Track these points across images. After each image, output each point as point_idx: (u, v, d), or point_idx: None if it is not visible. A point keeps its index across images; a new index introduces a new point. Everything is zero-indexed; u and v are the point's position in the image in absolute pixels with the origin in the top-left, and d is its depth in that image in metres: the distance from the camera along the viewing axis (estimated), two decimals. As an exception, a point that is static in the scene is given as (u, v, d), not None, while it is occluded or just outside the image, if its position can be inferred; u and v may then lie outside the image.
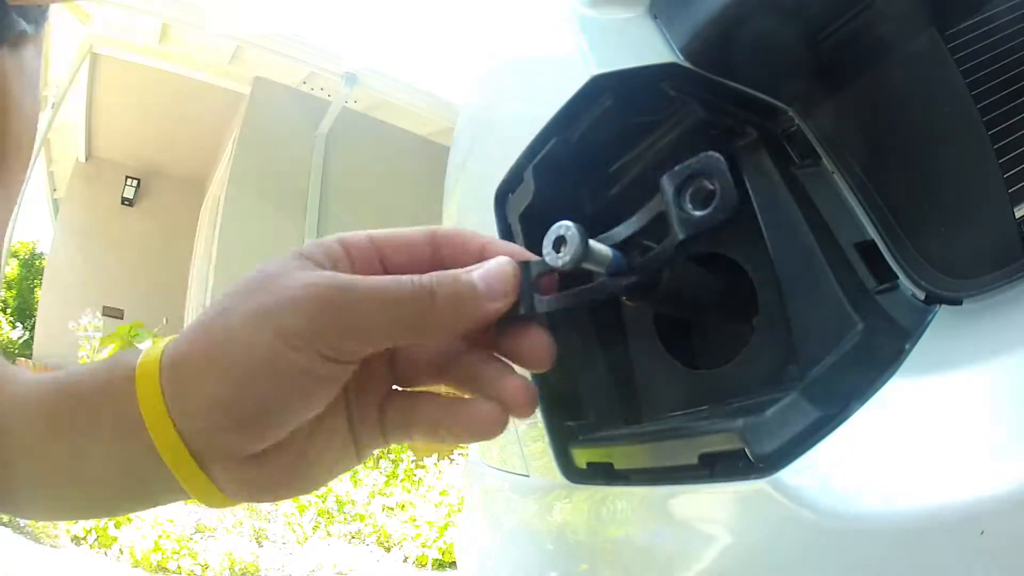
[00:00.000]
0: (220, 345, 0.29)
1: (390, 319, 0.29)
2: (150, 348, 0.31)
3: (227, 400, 0.28)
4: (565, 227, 0.29)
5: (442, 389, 0.34)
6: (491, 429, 0.32)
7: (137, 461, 0.30)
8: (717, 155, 0.29)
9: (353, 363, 0.30)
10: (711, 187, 0.29)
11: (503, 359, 0.33)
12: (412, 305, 0.29)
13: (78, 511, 0.34)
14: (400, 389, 0.35)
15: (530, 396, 0.32)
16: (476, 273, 0.31)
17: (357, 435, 0.34)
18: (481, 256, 0.33)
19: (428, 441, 0.34)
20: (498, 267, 0.31)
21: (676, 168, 0.30)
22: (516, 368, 0.33)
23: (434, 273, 0.30)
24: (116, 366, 0.31)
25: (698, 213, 0.29)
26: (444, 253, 0.33)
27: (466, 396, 0.33)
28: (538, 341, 0.32)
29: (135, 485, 0.31)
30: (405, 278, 0.30)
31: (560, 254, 0.29)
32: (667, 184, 0.30)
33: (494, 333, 0.33)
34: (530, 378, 0.34)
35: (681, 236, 0.30)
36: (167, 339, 0.31)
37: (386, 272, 0.33)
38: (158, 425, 0.29)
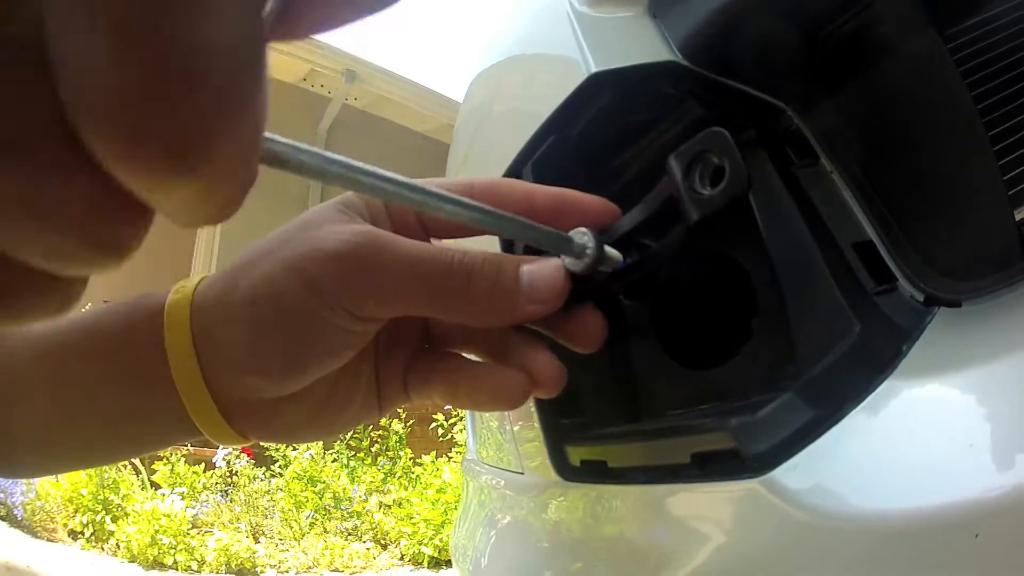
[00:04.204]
0: (250, 290, 0.28)
1: (420, 292, 0.28)
2: (180, 286, 0.30)
3: (251, 346, 0.28)
4: (582, 233, 0.30)
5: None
6: (514, 399, 0.30)
7: (150, 399, 0.29)
8: (721, 130, 0.28)
9: (381, 321, 0.29)
10: (719, 163, 0.28)
11: (535, 330, 0.32)
12: (446, 283, 0.28)
13: (75, 459, 0.33)
14: (429, 348, 0.34)
15: (559, 372, 0.30)
16: (524, 268, 0.29)
17: (381, 388, 0.33)
18: (528, 205, 0.31)
19: (447, 402, 0.33)
20: (550, 271, 0.29)
21: (682, 147, 0.29)
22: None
23: (480, 253, 0.28)
24: (138, 306, 0.30)
25: (708, 192, 0.28)
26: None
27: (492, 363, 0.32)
28: (592, 321, 0.31)
29: (142, 423, 0.30)
30: (446, 252, 0.28)
31: (578, 258, 0.29)
32: (675, 165, 0.29)
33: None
34: None
35: (695, 216, 0.28)
36: (197, 279, 0.30)
37: (425, 231, 0.32)
38: (182, 365, 0.28)
